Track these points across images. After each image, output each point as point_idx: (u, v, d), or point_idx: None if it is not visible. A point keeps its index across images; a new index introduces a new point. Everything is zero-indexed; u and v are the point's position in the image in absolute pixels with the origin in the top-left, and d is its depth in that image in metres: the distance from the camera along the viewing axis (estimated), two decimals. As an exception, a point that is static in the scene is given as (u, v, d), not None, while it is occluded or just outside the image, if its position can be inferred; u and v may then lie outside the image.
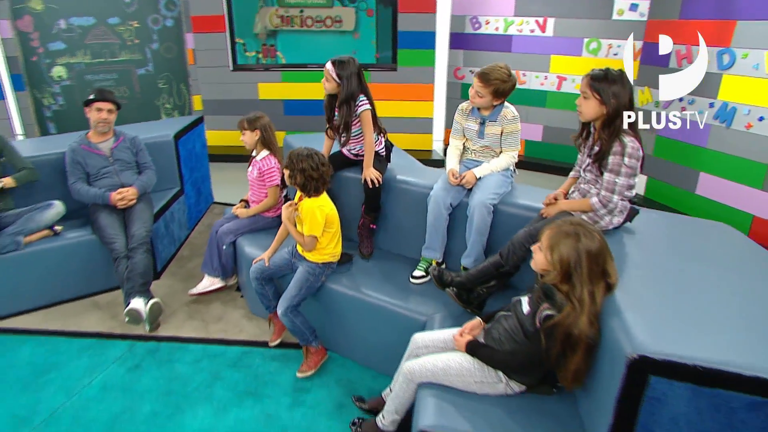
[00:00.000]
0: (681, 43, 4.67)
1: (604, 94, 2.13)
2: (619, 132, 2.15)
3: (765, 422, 1.42)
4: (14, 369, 2.79)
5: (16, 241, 3.19)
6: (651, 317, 1.63)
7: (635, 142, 2.16)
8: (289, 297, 2.69)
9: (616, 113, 2.14)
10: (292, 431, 2.38)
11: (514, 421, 1.84)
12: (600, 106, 2.16)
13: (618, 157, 2.15)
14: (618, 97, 2.13)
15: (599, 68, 2.21)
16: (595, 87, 2.16)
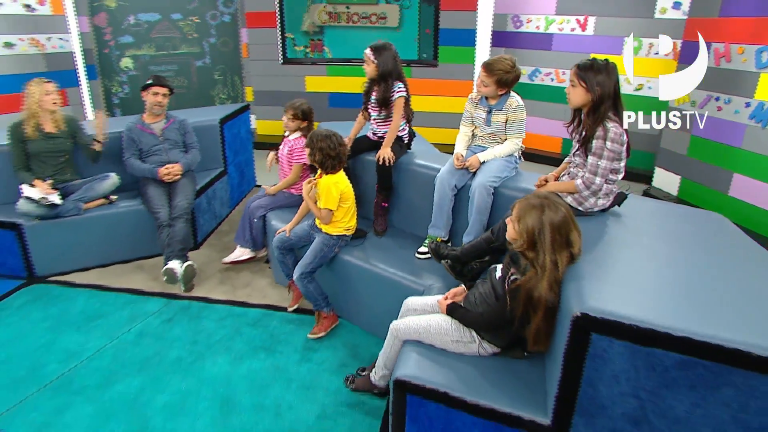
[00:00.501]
0: (719, 42, 4.61)
1: (589, 82, 2.27)
2: (604, 118, 2.27)
3: (694, 380, 1.55)
4: (70, 314, 3.23)
5: (78, 207, 3.63)
6: (605, 285, 1.77)
7: (618, 127, 2.28)
8: (304, 264, 2.97)
9: (600, 101, 2.27)
10: (296, 382, 2.64)
11: (484, 378, 2.02)
12: (586, 93, 2.29)
13: (601, 141, 2.28)
14: (602, 85, 2.25)
15: (587, 59, 2.33)
16: (581, 76, 2.29)
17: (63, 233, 3.64)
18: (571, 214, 1.90)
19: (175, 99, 6.62)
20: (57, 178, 3.70)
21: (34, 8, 5.85)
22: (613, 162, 2.30)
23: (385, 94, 3.16)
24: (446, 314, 2.16)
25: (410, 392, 2.02)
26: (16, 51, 5.79)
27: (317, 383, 2.64)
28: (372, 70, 3.19)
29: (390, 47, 3.19)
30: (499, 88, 2.77)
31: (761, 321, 1.59)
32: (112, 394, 2.56)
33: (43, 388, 2.61)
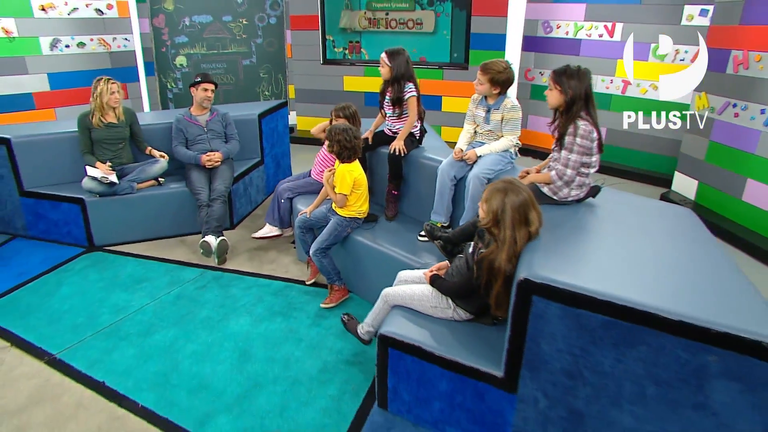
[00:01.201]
0: (738, 49, 4.72)
1: (563, 85, 2.56)
2: (575, 117, 2.56)
3: (616, 339, 1.84)
4: (120, 278, 3.76)
5: (132, 186, 4.18)
6: (553, 257, 2.08)
7: (588, 125, 2.56)
8: (320, 241, 3.37)
9: (572, 102, 2.56)
10: (305, 342, 3.05)
11: (454, 338, 2.36)
12: (560, 95, 2.59)
13: (571, 137, 2.56)
14: (574, 88, 2.54)
15: (563, 65, 2.62)
16: (556, 80, 2.59)
17: (118, 209, 4.19)
18: (532, 197, 2.21)
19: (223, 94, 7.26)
20: (115, 161, 4.25)
21: (103, 12, 6.54)
22: (583, 156, 2.58)
23: (398, 94, 3.53)
24: (429, 284, 2.50)
25: (392, 346, 2.39)
26: (87, 50, 6.50)
27: (323, 344, 3.04)
28: (386, 72, 3.56)
29: (403, 52, 3.55)
30: (493, 87, 3.08)
31: (677, 291, 1.87)
32: (150, 341, 3.05)
33: (97, 333, 3.12)
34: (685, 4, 5.70)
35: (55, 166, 4.30)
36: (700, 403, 1.76)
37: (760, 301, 1.84)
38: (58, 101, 6.41)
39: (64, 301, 3.45)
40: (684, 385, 1.77)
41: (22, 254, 4.13)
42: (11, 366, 2.84)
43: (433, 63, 7.17)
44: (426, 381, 2.35)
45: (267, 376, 2.76)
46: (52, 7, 6.12)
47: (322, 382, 2.73)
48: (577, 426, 2.02)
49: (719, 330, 1.66)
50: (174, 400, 2.59)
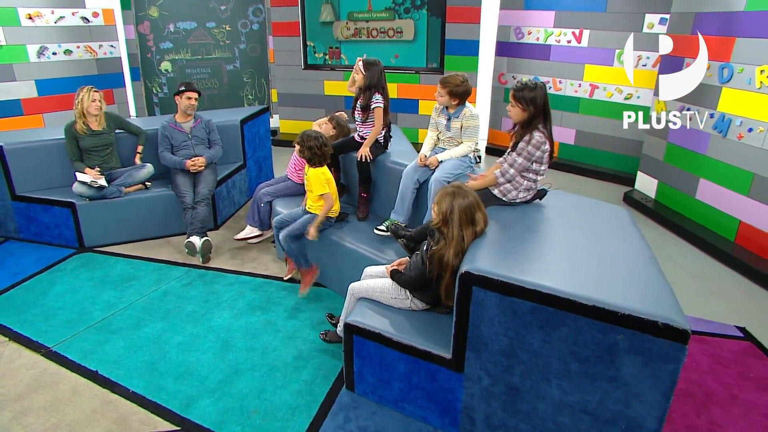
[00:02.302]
0: (691, 57, 5.05)
1: (523, 102, 2.84)
2: (533, 129, 2.84)
3: (542, 322, 2.13)
4: (110, 276, 4.01)
5: (120, 190, 4.42)
6: (493, 253, 2.37)
7: (542, 137, 2.83)
8: (291, 229, 3.65)
9: (532, 117, 2.83)
10: (283, 333, 3.33)
11: (411, 326, 2.65)
12: (522, 112, 2.86)
13: (525, 143, 2.85)
14: (534, 103, 2.82)
15: (521, 82, 2.89)
16: (517, 97, 2.86)
17: (107, 212, 4.44)
18: (479, 200, 2.51)
19: (207, 99, 7.49)
20: (104, 166, 4.49)
21: (89, 20, 6.75)
22: (529, 162, 2.86)
23: (367, 102, 3.81)
24: (390, 278, 2.79)
25: (356, 333, 2.67)
26: (74, 57, 6.71)
27: (298, 334, 3.32)
28: (360, 80, 3.84)
29: (378, 63, 3.84)
30: (452, 98, 3.36)
31: (596, 280, 2.17)
32: (140, 334, 3.31)
33: (90, 327, 3.38)
34: (647, 13, 6.04)
35: (45, 172, 4.53)
36: (613, 376, 2.07)
37: (665, 287, 2.15)
38: (46, 107, 6.62)
39: (57, 299, 3.70)
40: (600, 361, 2.08)
41: (15, 255, 4.36)
42: (10, 358, 3.09)
43: (410, 68, 7.46)
44: (387, 364, 2.63)
45: (246, 364, 3.04)
46: (39, 15, 6.32)
47: (297, 368, 3.01)
48: (515, 399, 2.32)
49: (624, 312, 1.96)
50: (162, 386, 2.86)
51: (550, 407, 2.25)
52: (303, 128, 4.47)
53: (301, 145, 3.58)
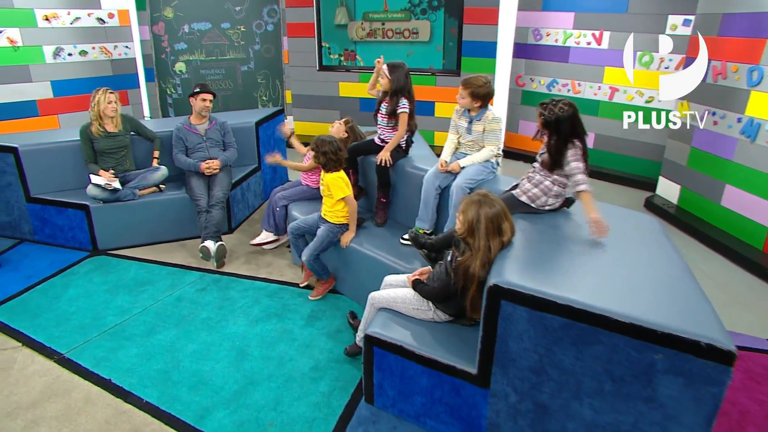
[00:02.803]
0: (717, 59, 4.92)
1: (551, 126, 2.74)
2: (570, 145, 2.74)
3: (575, 339, 2.03)
4: (124, 280, 3.96)
5: (134, 193, 4.37)
6: (523, 265, 2.28)
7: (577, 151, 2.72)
8: (312, 247, 3.58)
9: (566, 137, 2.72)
10: (299, 341, 3.25)
11: (433, 338, 2.56)
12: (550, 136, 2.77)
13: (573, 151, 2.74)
14: (558, 128, 2.71)
15: (545, 103, 2.77)
16: (544, 123, 2.75)
17: (121, 214, 4.39)
18: (506, 209, 2.41)
19: (221, 100, 7.45)
20: (118, 169, 4.45)
21: (105, 21, 6.73)
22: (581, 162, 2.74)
23: (393, 107, 3.72)
24: (411, 288, 2.70)
25: (377, 345, 2.59)
26: (89, 58, 6.70)
27: (315, 343, 3.24)
28: (386, 84, 3.76)
29: (403, 66, 3.76)
30: (474, 100, 3.27)
31: (631, 294, 2.07)
32: (153, 341, 3.24)
33: (103, 333, 3.32)
34: (669, 14, 5.90)
35: (60, 174, 4.49)
36: (650, 397, 1.96)
37: (705, 304, 2.04)
38: (61, 108, 6.61)
39: (71, 303, 3.65)
40: (635, 381, 1.97)
41: (29, 258, 4.32)
42: (24, 364, 3.04)
43: (426, 69, 7.36)
44: (408, 377, 2.54)
45: (262, 374, 2.96)
46: (55, 17, 6.31)
47: (314, 378, 2.93)
48: (543, 418, 2.22)
49: (664, 331, 1.86)
50: (176, 396, 2.79)
51: (580, 427, 2.15)
52: (317, 130, 4.41)
53: (315, 150, 3.50)
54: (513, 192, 2.99)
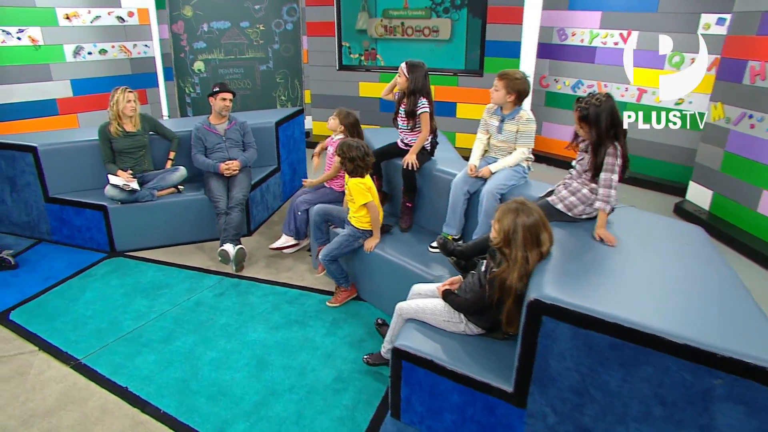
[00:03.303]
0: (756, 60, 4.71)
1: (589, 121, 2.60)
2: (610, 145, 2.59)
3: (623, 359, 1.89)
4: (141, 283, 3.88)
5: (152, 194, 4.30)
6: (564, 278, 2.13)
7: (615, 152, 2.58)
8: (329, 249, 3.48)
9: (601, 134, 2.58)
10: (321, 351, 3.13)
11: (465, 352, 2.42)
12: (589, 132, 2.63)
13: (612, 158, 2.59)
14: (598, 123, 2.57)
15: (583, 98, 2.64)
16: (581, 117, 2.62)
17: (139, 216, 4.32)
18: (545, 218, 2.27)
19: (240, 99, 7.37)
20: (136, 169, 4.38)
21: (125, 19, 6.69)
22: (617, 175, 2.60)
23: (412, 107, 3.59)
24: (442, 298, 2.57)
25: (405, 359, 2.46)
26: (109, 57, 6.66)
27: (338, 353, 3.12)
28: (403, 83, 3.62)
29: (423, 66, 3.62)
30: (508, 94, 3.12)
31: (683, 313, 1.91)
32: (171, 347, 3.15)
33: (120, 338, 3.24)
34: (703, 13, 5.69)
35: (79, 174, 4.43)
36: (706, 425, 1.81)
37: (766, 324, 1.88)
38: (81, 107, 6.59)
39: (88, 306, 3.58)
40: (689, 407, 1.82)
41: (47, 258, 4.27)
42: (40, 369, 2.96)
43: (447, 69, 7.22)
44: (438, 393, 2.41)
45: (284, 384, 2.85)
46: (76, 15, 6.28)
47: (337, 390, 2.81)
48: (584, 442, 2.08)
49: (724, 355, 1.70)
50: (194, 407, 2.69)
51: (626, 453, 2.00)
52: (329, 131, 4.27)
53: (342, 156, 3.38)
54: (548, 199, 2.85)
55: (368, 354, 3.03)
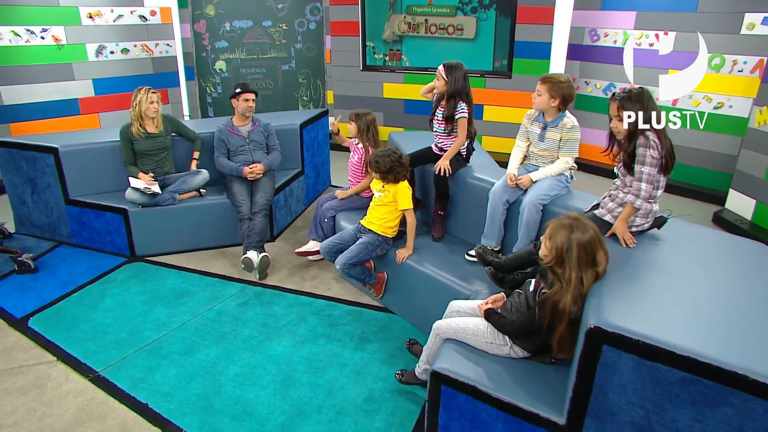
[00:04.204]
0: (806, 63, 4.45)
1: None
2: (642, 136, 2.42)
3: (695, 396, 1.70)
4: (162, 291, 3.75)
5: (174, 197, 4.18)
6: (623, 302, 1.94)
7: (655, 136, 2.41)
8: (347, 257, 3.33)
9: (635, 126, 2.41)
10: (349, 368, 2.97)
11: (511, 378, 2.24)
12: None
13: (643, 148, 2.43)
14: None
15: (624, 90, 2.47)
16: (624, 108, 2.44)
17: (160, 219, 4.20)
18: (600, 236, 2.08)
19: (261, 99, 7.24)
20: (157, 171, 4.26)
21: (147, 18, 6.61)
22: (656, 170, 2.41)
23: (451, 112, 3.42)
24: (484, 318, 2.39)
25: (445, 383, 2.28)
26: (131, 56, 6.59)
27: (368, 370, 2.96)
28: (442, 86, 3.45)
29: (462, 67, 3.43)
30: (552, 99, 2.93)
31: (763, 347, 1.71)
32: (193, 360, 3.02)
33: (140, 350, 3.11)
34: (746, 12, 5.42)
35: (99, 176, 4.33)
36: (792, 475, 1.61)
37: None
38: (102, 107, 6.52)
39: (107, 314, 3.46)
40: (774, 453, 1.62)
41: (67, 262, 4.17)
42: (58, 382, 2.84)
43: (474, 71, 7.02)
44: (480, 422, 2.23)
45: (311, 404, 2.69)
46: (99, 14, 6.21)
47: (368, 412, 2.65)
48: (646, 483, 1.89)
49: (820, 397, 1.51)
50: (217, 427, 2.55)
51: (694, 499, 1.81)
52: (350, 135, 4.11)
53: (379, 171, 3.23)
54: (595, 212, 2.66)
55: (401, 370, 2.86)
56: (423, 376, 2.70)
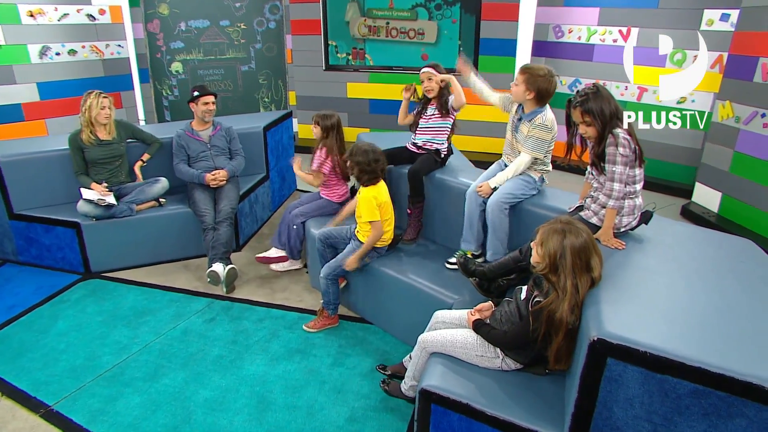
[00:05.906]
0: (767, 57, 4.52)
1: (593, 115, 2.37)
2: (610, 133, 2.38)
3: (707, 409, 1.60)
4: (121, 310, 3.48)
5: (131, 208, 3.89)
6: (624, 310, 1.84)
7: (624, 133, 2.36)
8: (333, 266, 3.14)
9: (605, 125, 2.36)
10: (328, 385, 2.79)
11: (505, 393, 2.11)
12: (593, 125, 2.40)
13: (613, 147, 2.37)
14: (603, 114, 2.34)
15: (579, 92, 2.40)
16: (586, 110, 2.37)
17: (116, 232, 3.91)
18: (593, 239, 1.97)
19: (221, 102, 6.94)
20: (112, 181, 3.96)
21: (95, 17, 6.22)
22: (627, 168, 2.35)
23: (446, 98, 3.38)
24: (472, 329, 2.26)
25: (435, 402, 2.14)
26: (79, 58, 6.19)
27: (348, 387, 2.78)
28: (436, 84, 3.34)
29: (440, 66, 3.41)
30: (528, 91, 2.81)
31: (774, 354, 1.63)
32: (158, 386, 2.77)
33: (98, 377, 2.85)
34: (705, 9, 5.50)
35: (47, 187, 4.00)
36: (810, 488, 1.53)
37: None
38: (49, 112, 6.10)
39: (60, 339, 3.17)
40: (791, 465, 1.54)
41: (13, 282, 3.84)
42: (2, 422, 2.55)
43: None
44: (474, 441, 2.10)
45: (290, 428, 2.50)
46: (41, 13, 5.80)
47: (351, 434, 2.48)
48: (654, 501, 1.78)
49: (838, 406, 1.43)
50: (188, 460, 2.33)
51: None
52: None
53: (349, 160, 3.06)
54: (581, 214, 2.57)
55: (386, 380, 2.70)
56: (410, 393, 2.55)
